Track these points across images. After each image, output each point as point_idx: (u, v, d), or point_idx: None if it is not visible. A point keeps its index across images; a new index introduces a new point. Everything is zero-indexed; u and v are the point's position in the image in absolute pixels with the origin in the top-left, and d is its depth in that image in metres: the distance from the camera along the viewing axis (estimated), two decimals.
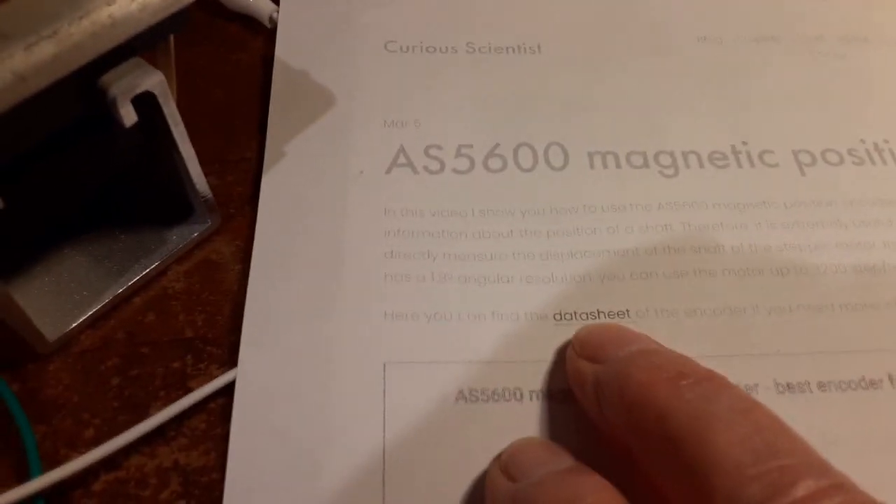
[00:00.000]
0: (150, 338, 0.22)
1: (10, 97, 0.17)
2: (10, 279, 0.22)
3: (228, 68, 0.29)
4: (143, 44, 0.19)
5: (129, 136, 0.20)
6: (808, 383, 0.22)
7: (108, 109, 0.19)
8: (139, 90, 0.19)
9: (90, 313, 0.22)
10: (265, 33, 0.30)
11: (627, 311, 0.23)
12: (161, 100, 0.20)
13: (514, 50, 0.30)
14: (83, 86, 0.18)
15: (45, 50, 0.17)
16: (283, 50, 0.29)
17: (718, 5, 0.31)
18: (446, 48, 0.30)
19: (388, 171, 0.26)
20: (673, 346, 0.22)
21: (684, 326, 0.23)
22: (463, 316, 0.23)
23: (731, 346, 0.22)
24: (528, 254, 0.24)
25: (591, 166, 0.26)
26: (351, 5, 0.31)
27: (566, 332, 0.22)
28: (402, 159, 0.26)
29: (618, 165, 0.26)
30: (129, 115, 0.19)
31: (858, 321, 0.23)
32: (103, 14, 0.18)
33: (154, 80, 0.19)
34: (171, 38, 0.21)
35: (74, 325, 0.22)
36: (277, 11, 0.30)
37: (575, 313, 0.23)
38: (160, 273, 0.24)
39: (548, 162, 0.26)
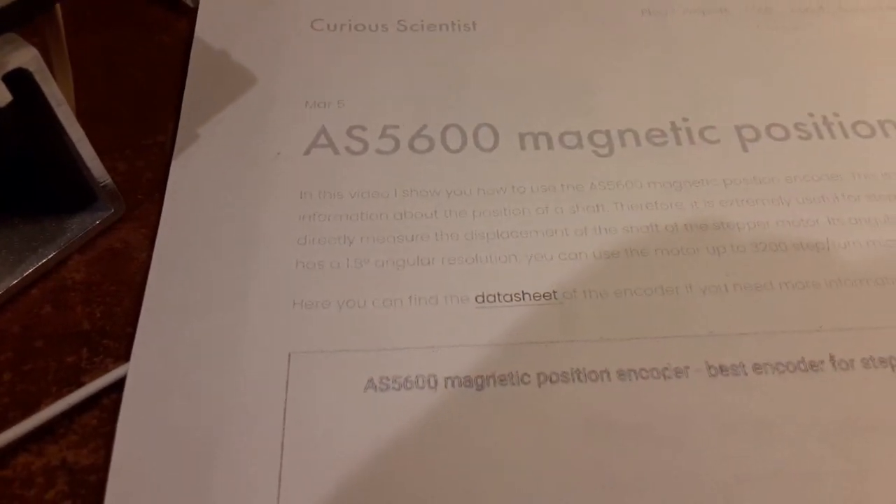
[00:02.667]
0: (46, 331, 0.21)
1: None
2: None
3: (150, 51, 0.28)
4: (16, 18, 0.18)
5: (7, 117, 0.19)
6: (743, 365, 0.20)
7: None
8: (9, 67, 0.18)
9: None
10: (190, 15, 0.29)
11: (554, 292, 0.22)
12: (38, 77, 0.19)
13: (447, 27, 0.28)
14: None
15: None
16: (204, 29, 0.28)
17: None
18: (376, 26, 0.28)
19: (307, 152, 0.25)
20: (601, 327, 0.21)
21: (613, 307, 0.21)
22: (377, 301, 0.22)
23: (663, 328, 0.21)
24: (452, 234, 0.23)
25: (523, 147, 0.25)
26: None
27: (488, 315, 0.21)
28: (322, 140, 0.25)
29: (550, 147, 0.25)
30: (1, 95, 0.18)
31: (799, 300, 0.22)
32: None
33: (27, 57, 0.18)
34: (58, 11, 0.20)
35: None
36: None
37: (498, 295, 0.22)
38: (60, 263, 0.22)
39: (477, 143, 0.25)
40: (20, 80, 0.18)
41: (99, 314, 0.21)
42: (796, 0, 0.30)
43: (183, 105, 0.25)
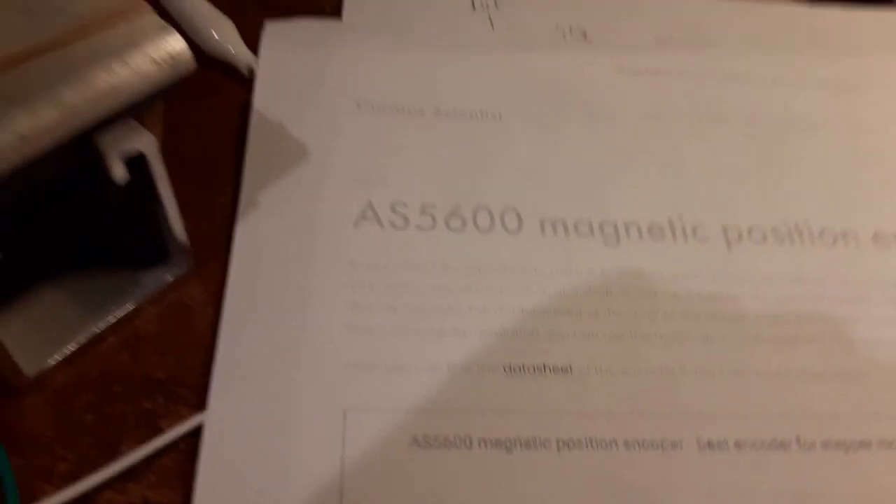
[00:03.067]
0: (123, 377, 0.24)
1: (14, 157, 0.18)
2: None
3: (206, 114, 0.31)
4: (138, 108, 0.21)
5: (118, 190, 0.21)
6: (727, 441, 0.24)
7: (101, 167, 0.20)
8: (132, 151, 0.20)
9: (66, 351, 0.23)
10: (243, 82, 0.32)
11: (570, 367, 0.25)
12: (151, 159, 0.21)
13: (477, 115, 0.32)
14: (80, 146, 0.20)
15: (48, 115, 0.18)
16: (261, 101, 0.31)
17: (664, 87, 0.34)
18: (414, 110, 0.32)
19: (356, 224, 0.28)
20: (610, 401, 0.25)
21: (620, 384, 0.25)
22: (420, 367, 0.25)
23: (661, 404, 0.25)
24: (483, 309, 0.26)
25: (543, 232, 0.29)
26: (326, 62, 0.32)
27: (514, 384, 0.25)
28: (369, 214, 0.28)
29: (566, 233, 0.29)
30: (121, 174, 0.20)
31: (771, 387, 0.26)
32: (104, 83, 0.19)
33: (146, 142, 0.21)
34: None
35: (52, 361, 0.23)
36: (256, 62, 0.31)
37: (523, 366, 0.25)
38: (134, 314, 0.25)
39: (504, 225, 0.29)
40: (131, 159, 0.21)
41: (171, 363, 0.24)
42: (776, 115, 0.34)
43: (244, 173, 0.28)
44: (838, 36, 0.38)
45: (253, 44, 0.32)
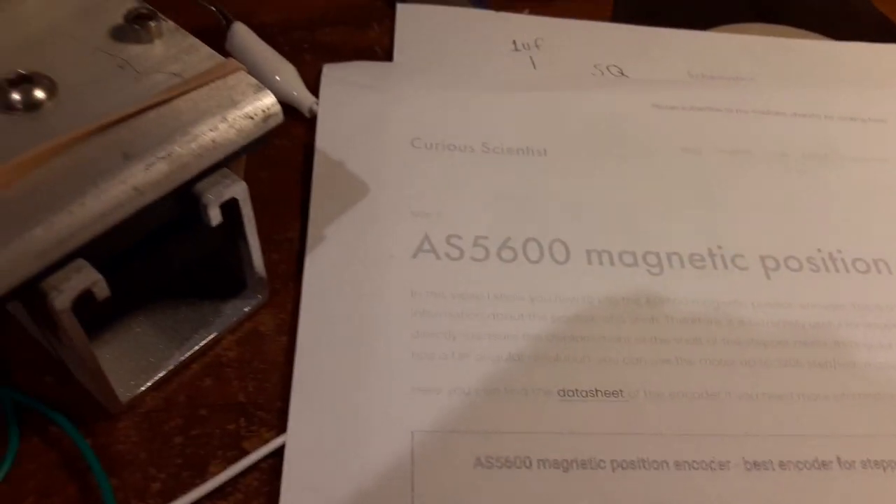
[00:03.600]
0: (208, 401, 0.25)
1: (129, 208, 0.20)
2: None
3: (271, 152, 0.33)
4: (233, 158, 0.23)
5: (210, 231, 0.23)
6: (772, 462, 0.26)
7: (199, 212, 0.22)
8: (227, 197, 0.22)
9: (157, 378, 0.25)
10: (305, 122, 0.34)
11: (621, 391, 0.27)
12: (242, 204, 0.23)
13: (523, 151, 0.34)
14: (182, 194, 0.22)
15: (159, 169, 0.20)
16: (323, 140, 0.33)
17: (698, 122, 0.36)
18: (464, 146, 0.34)
19: (415, 255, 0.30)
20: (659, 424, 0.26)
21: (669, 407, 0.27)
22: (480, 391, 0.26)
23: (708, 427, 0.26)
24: (536, 336, 0.28)
25: (589, 262, 0.30)
26: (381, 102, 0.35)
27: (570, 407, 0.26)
28: (426, 246, 0.30)
29: (612, 263, 0.30)
30: (216, 218, 0.22)
31: (811, 409, 0.27)
32: (207, 138, 0.21)
33: (239, 189, 0.23)
34: None
35: (143, 388, 0.25)
36: (317, 104, 0.34)
37: (577, 390, 0.27)
38: (215, 342, 0.27)
39: (552, 256, 0.30)
40: (225, 203, 0.23)
41: (251, 388, 0.26)
42: (807, 147, 0.36)
43: (311, 208, 0.30)
44: (865, 70, 0.40)
45: (312, 86, 0.34)
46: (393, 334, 0.27)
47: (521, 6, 0.41)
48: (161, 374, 0.25)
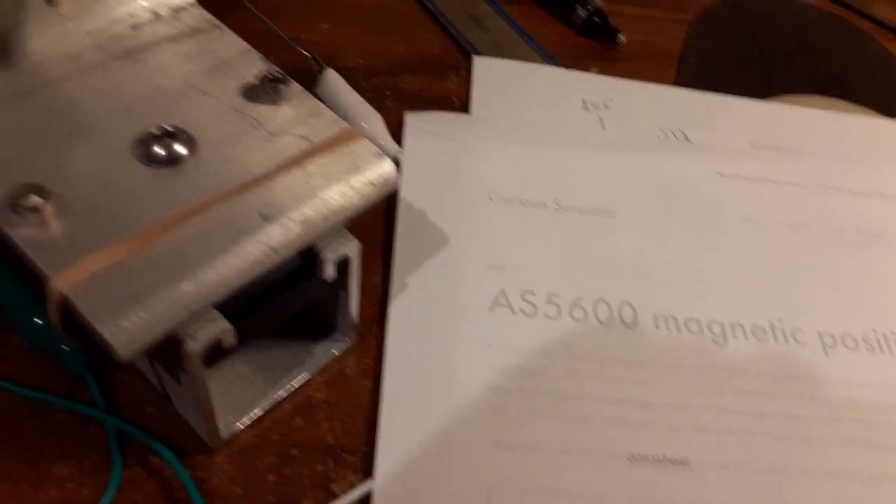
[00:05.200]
0: (299, 441, 0.27)
1: (265, 266, 0.21)
2: None
3: None
4: (351, 219, 0.24)
5: (322, 282, 0.25)
6: None
7: (315, 266, 0.24)
8: (343, 255, 0.24)
9: (252, 416, 0.26)
10: None
11: (687, 459, 0.28)
12: (353, 261, 0.25)
13: (594, 211, 0.35)
14: (304, 251, 0.23)
15: (294, 230, 0.22)
16: (406, 190, 0.34)
17: (759, 193, 0.38)
18: (538, 203, 0.35)
19: (491, 308, 0.31)
20: (726, 495, 0.27)
21: (734, 478, 0.28)
22: (552, 449, 0.28)
23: (770, 500, 0.28)
24: (605, 398, 0.29)
25: (657, 327, 0.32)
26: (460, 154, 0.36)
27: (638, 472, 0.27)
28: (502, 300, 0.31)
29: (678, 329, 0.32)
30: (331, 273, 0.24)
31: (865, 489, 0.28)
32: (335, 203, 0.23)
33: (353, 248, 0.24)
34: None
35: (240, 425, 0.26)
36: (401, 152, 0.35)
37: (645, 456, 0.28)
38: (305, 382, 0.28)
39: (621, 318, 0.32)
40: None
41: (339, 430, 0.27)
42: (862, 224, 0.37)
43: (395, 256, 0.32)
44: None
45: (392, 129, 0.36)
46: (470, 386, 0.29)
47: (589, 64, 0.43)
48: (257, 413, 0.27)
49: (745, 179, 0.38)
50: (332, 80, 0.35)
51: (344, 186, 0.23)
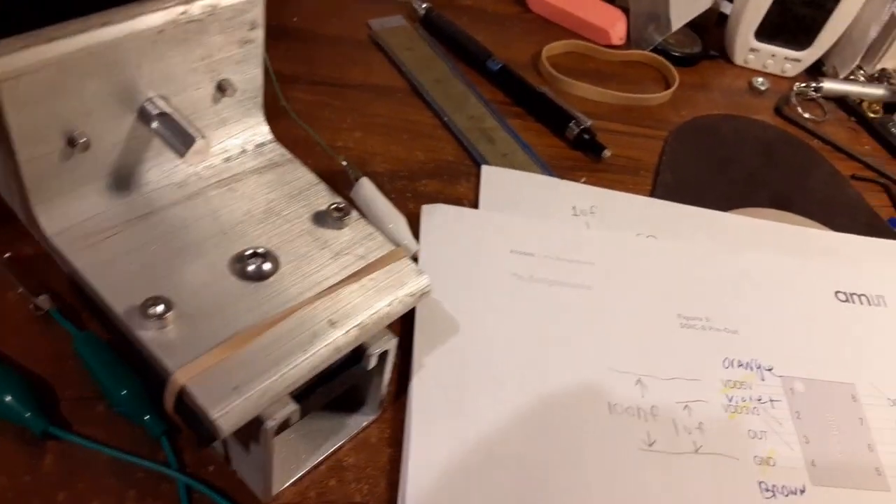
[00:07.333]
0: (332, 499, 0.32)
1: (329, 361, 0.27)
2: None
3: None
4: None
5: (363, 369, 0.31)
6: None
7: (361, 357, 0.30)
8: (383, 350, 0.30)
9: (295, 477, 0.32)
10: None
11: None
12: (390, 353, 0.31)
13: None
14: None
15: (353, 334, 0.28)
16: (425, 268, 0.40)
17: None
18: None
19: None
20: None
21: None
22: None
23: None
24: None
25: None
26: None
27: None
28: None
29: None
30: (373, 363, 0.30)
31: None
32: (384, 311, 0.29)
33: (393, 344, 0.30)
34: None
35: (288, 484, 0.32)
36: (419, 248, 0.41)
37: None
38: (337, 448, 0.34)
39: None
40: None
41: (366, 491, 0.33)
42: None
43: (415, 340, 0.38)
44: (857, 260, 0.49)
45: (413, 224, 0.42)
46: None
47: (579, 175, 0.50)
48: (299, 474, 0.32)
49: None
50: (366, 186, 0.42)
51: (391, 297, 0.29)
